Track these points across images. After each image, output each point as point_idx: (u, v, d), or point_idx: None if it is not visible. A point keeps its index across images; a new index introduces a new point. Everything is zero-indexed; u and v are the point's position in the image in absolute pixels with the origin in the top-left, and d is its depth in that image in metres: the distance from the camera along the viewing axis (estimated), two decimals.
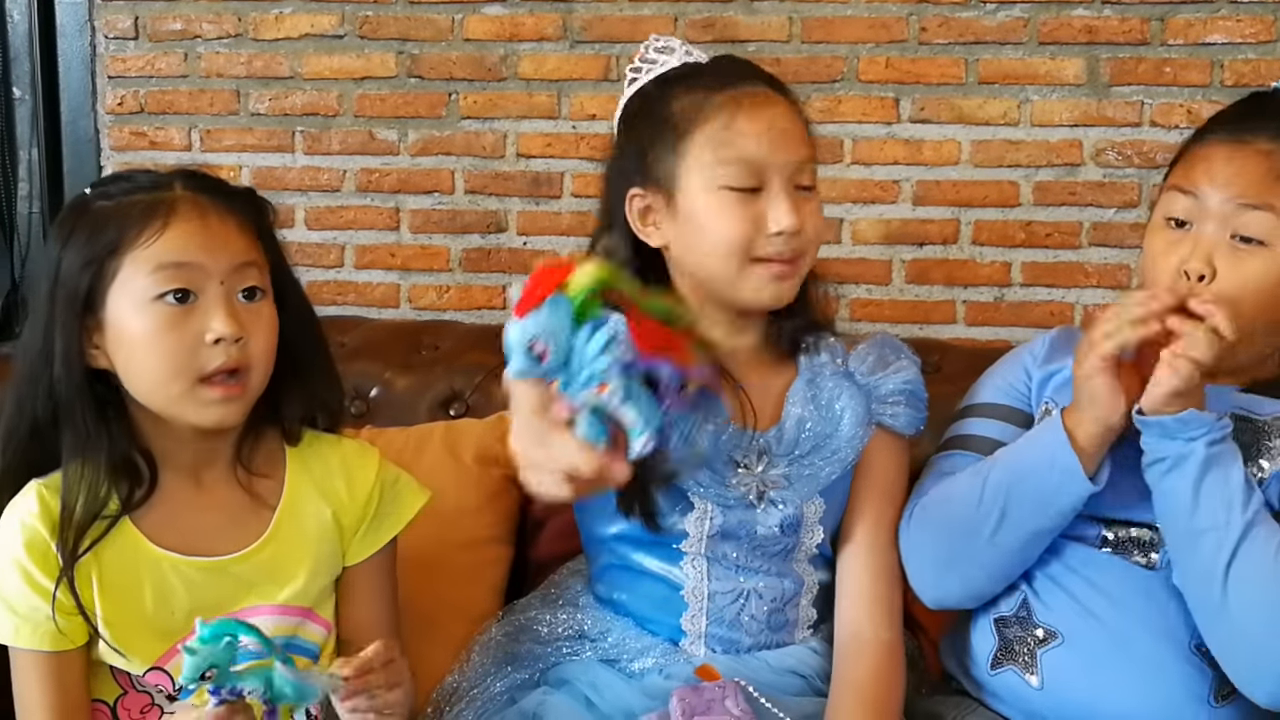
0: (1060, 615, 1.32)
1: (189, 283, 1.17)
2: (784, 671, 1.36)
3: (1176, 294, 1.21)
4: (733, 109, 1.30)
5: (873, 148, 2.21)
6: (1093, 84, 2.17)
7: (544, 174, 2.29)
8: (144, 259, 1.16)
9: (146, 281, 1.16)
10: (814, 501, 1.37)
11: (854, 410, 1.38)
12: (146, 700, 1.22)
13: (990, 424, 1.41)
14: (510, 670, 1.41)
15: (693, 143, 1.30)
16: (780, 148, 1.30)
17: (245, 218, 1.23)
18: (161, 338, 1.16)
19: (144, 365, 1.17)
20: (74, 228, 1.19)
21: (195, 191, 1.21)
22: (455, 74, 2.29)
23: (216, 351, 1.16)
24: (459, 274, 2.33)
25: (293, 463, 1.29)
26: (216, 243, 1.19)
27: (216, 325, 1.16)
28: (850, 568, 1.39)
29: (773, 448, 1.36)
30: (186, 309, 1.16)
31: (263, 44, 2.33)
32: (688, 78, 1.35)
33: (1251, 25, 2.14)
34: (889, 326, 2.20)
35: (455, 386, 1.88)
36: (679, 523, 1.34)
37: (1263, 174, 1.24)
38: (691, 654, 1.37)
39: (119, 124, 2.38)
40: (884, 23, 2.20)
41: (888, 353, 1.44)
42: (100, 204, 1.20)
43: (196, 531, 1.23)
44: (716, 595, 1.36)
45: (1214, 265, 1.25)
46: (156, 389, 1.18)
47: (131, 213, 1.17)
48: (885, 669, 1.34)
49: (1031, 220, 2.21)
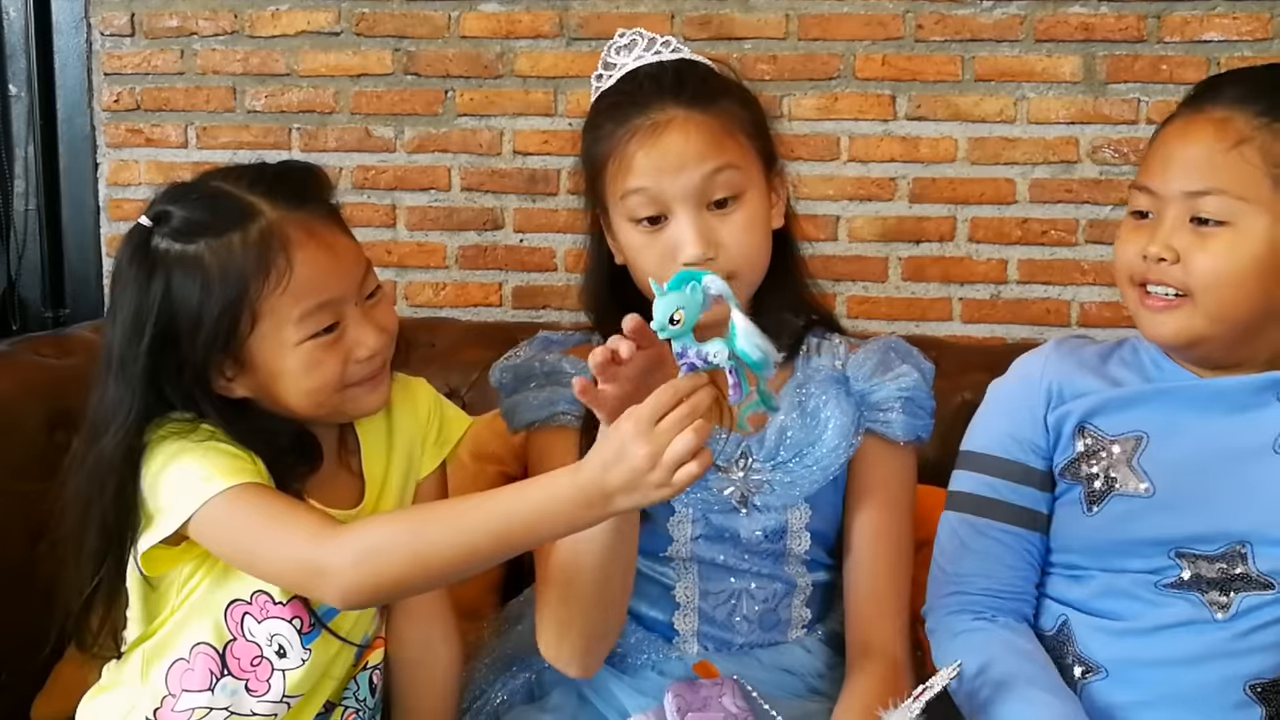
0: (1110, 650, 1.27)
1: (334, 316, 1.17)
2: (776, 669, 1.36)
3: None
4: (628, 141, 1.28)
5: (869, 145, 2.21)
6: (1089, 81, 2.17)
7: (540, 171, 2.29)
8: (284, 306, 1.14)
9: (293, 329, 1.15)
10: (798, 508, 1.36)
11: (839, 421, 1.35)
12: (256, 651, 1.22)
13: (1002, 485, 1.34)
14: (507, 676, 1.41)
15: (606, 179, 1.31)
16: (676, 172, 1.26)
17: (332, 211, 1.22)
18: (314, 372, 1.17)
19: (297, 395, 1.19)
20: (169, 277, 1.14)
21: (286, 208, 1.16)
22: (452, 71, 2.29)
23: (366, 363, 1.20)
24: (455, 271, 2.33)
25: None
26: (341, 265, 1.18)
27: (369, 342, 1.19)
28: (855, 580, 1.38)
29: (753, 451, 1.35)
30: (334, 336, 1.18)
31: (259, 41, 2.33)
32: (604, 110, 1.33)
33: (1248, 23, 2.14)
34: (885, 324, 2.20)
35: (452, 383, 1.88)
36: (664, 527, 1.33)
37: (1213, 149, 1.20)
38: (685, 652, 1.37)
39: (115, 121, 2.38)
40: (880, 20, 2.20)
41: (891, 357, 1.41)
42: (189, 250, 1.14)
43: (324, 492, 1.25)
44: (708, 595, 1.36)
45: (1174, 249, 1.22)
46: (314, 405, 1.20)
47: (247, 258, 1.13)
48: (895, 680, 1.31)
49: (1028, 217, 2.21)
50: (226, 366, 1.17)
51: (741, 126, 1.31)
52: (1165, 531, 1.26)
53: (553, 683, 1.38)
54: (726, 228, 1.28)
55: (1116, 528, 1.29)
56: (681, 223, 1.27)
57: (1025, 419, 1.35)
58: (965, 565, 1.34)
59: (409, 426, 1.33)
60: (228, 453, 1.17)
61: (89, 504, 1.19)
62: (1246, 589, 1.24)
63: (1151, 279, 1.25)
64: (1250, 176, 1.19)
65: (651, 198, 1.27)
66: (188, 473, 1.15)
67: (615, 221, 1.32)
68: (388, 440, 1.32)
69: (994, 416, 1.38)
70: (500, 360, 1.44)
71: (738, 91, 1.35)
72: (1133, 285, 1.28)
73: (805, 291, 1.42)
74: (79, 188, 2.41)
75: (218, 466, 1.15)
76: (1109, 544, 1.29)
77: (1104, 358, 1.36)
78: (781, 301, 1.39)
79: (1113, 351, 1.37)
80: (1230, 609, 1.24)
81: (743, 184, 1.29)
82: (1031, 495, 1.34)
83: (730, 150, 1.29)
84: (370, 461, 1.30)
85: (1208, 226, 1.21)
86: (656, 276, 1.25)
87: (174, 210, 1.16)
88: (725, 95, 1.32)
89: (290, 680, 1.23)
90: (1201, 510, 1.25)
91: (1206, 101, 1.24)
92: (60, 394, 1.70)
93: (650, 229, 1.29)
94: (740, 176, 1.29)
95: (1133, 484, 1.28)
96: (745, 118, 1.33)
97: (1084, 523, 1.31)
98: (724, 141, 1.29)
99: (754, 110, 1.35)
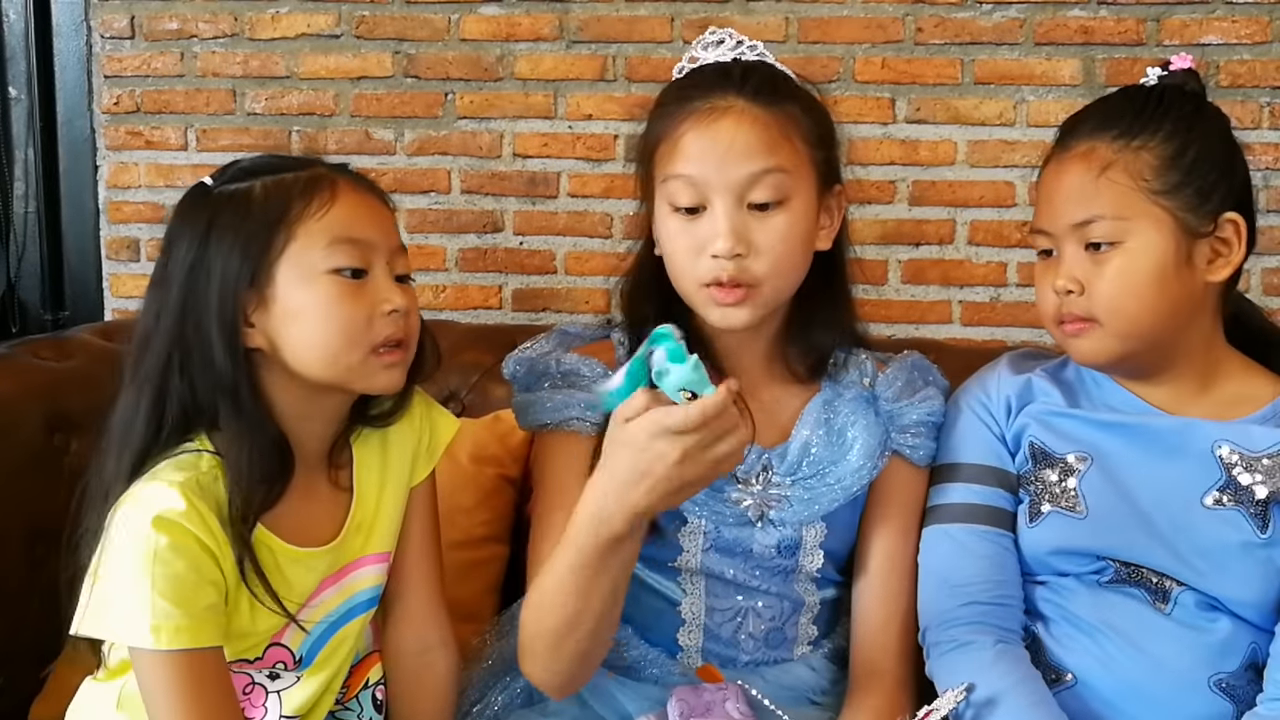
0: (1074, 655, 1.29)
1: (362, 259, 1.17)
2: (778, 687, 1.35)
3: None
4: (682, 121, 1.27)
5: (869, 148, 2.21)
6: (1088, 84, 2.17)
7: (540, 174, 2.29)
8: (318, 231, 1.15)
9: (321, 254, 1.15)
10: (814, 526, 1.34)
11: (865, 441, 1.35)
12: (247, 680, 1.21)
13: (992, 492, 1.36)
14: (507, 680, 1.40)
15: (656, 160, 1.30)
16: (721, 161, 1.24)
17: (386, 204, 1.24)
18: (338, 308, 1.15)
19: (317, 337, 1.16)
20: (215, 212, 1.16)
21: (342, 174, 1.21)
22: (452, 74, 2.29)
23: (389, 321, 1.17)
24: (455, 274, 2.33)
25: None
26: (381, 222, 1.20)
27: (394, 297, 1.17)
28: (864, 599, 1.37)
29: (774, 465, 1.34)
30: (359, 284, 1.17)
31: (259, 44, 2.33)
32: (669, 94, 1.33)
33: (1247, 26, 2.14)
34: (885, 327, 2.20)
35: (451, 386, 1.88)
36: (674, 537, 1.32)
37: (1084, 179, 1.26)
38: (688, 668, 1.35)
39: (115, 123, 2.38)
40: (880, 23, 2.20)
41: (916, 377, 1.41)
42: (241, 186, 1.17)
43: (300, 516, 1.22)
44: (714, 612, 1.35)
45: (1078, 280, 1.26)
46: (330, 360, 1.17)
47: (295, 187, 1.16)
48: (899, 701, 1.31)
49: (1027, 220, 2.19)
50: (251, 302, 1.15)
51: (801, 133, 1.28)
52: (1097, 548, 1.30)
53: None
54: (762, 230, 1.25)
55: (1052, 539, 1.32)
56: (717, 214, 1.25)
57: (994, 428, 1.38)
58: (973, 574, 1.34)
59: (405, 433, 1.31)
60: (186, 582, 1.10)
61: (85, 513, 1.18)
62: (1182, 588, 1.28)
63: (1064, 312, 1.29)
64: (1123, 196, 1.25)
65: (693, 185, 1.26)
66: (136, 599, 1.10)
67: (657, 204, 1.31)
68: (382, 450, 1.30)
69: (967, 428, 1.40)
70: (515, 352, 1.40)
71: (806, 99, 1.32)
72: (1054, 324, 1.32)
73: (846, 324, 1.41)
74: (79, 190, 2.41)
75: (166, 616, 1.09)
76: (1047, 551, 1.33)
77: (1053, 374, 1.39)
78: (816, 324, 1.37)
79: (1060, 368, 1.40)
80: (1170, 602, 1.27)
81: (789, 191, 1.26)
82: (1011, 500, 1.37)
83: (783, 154, 1.26)
84: (363, 474, 1.28)
85: (1101, 251, 1.26)
86: (687, 268, 1.26)
87: (231, 168, 1.20)
88: (791, 99, 1.29)
89: (288, 700, 1.23)
90: (1133, 543, 1.28)
91: (1070, 139, 1.30)
92: (59, 397, 1.70)
93: (687, 218, 1.27)
94: (788, 182, 1.26)
95: (1069, 504, 1.31)
96: (808, 125, 1.30)
97: (1025, 534, 1.34)
98: (779, 143, 1.26)
99: (821, 123, 1.32)
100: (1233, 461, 1.27)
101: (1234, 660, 1.26)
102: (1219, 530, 1.26)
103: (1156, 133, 1.25)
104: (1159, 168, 1.24)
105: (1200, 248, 1.25)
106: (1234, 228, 1.26)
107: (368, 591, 1.28)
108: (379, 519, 1.28)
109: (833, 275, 1.38)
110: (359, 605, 1.27)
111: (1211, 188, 1.25)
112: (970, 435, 1.39)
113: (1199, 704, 1.25)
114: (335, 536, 1.24)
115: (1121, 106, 1.30)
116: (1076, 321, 1.28)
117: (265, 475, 1.17)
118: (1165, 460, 1.29)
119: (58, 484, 1.65)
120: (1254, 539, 1.25)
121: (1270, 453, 1.27)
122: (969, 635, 1.30)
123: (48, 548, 1.63)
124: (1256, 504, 1.26)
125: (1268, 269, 2.17)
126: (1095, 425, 1.33)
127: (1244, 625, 1.27)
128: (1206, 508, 1.27)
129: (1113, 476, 1.30)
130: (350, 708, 1.31)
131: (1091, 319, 1.27)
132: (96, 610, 1.12)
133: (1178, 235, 1.24)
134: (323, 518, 1.25)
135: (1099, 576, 1.30)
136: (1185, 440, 1.29)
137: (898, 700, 1.31)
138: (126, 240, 2.39)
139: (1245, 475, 1.26)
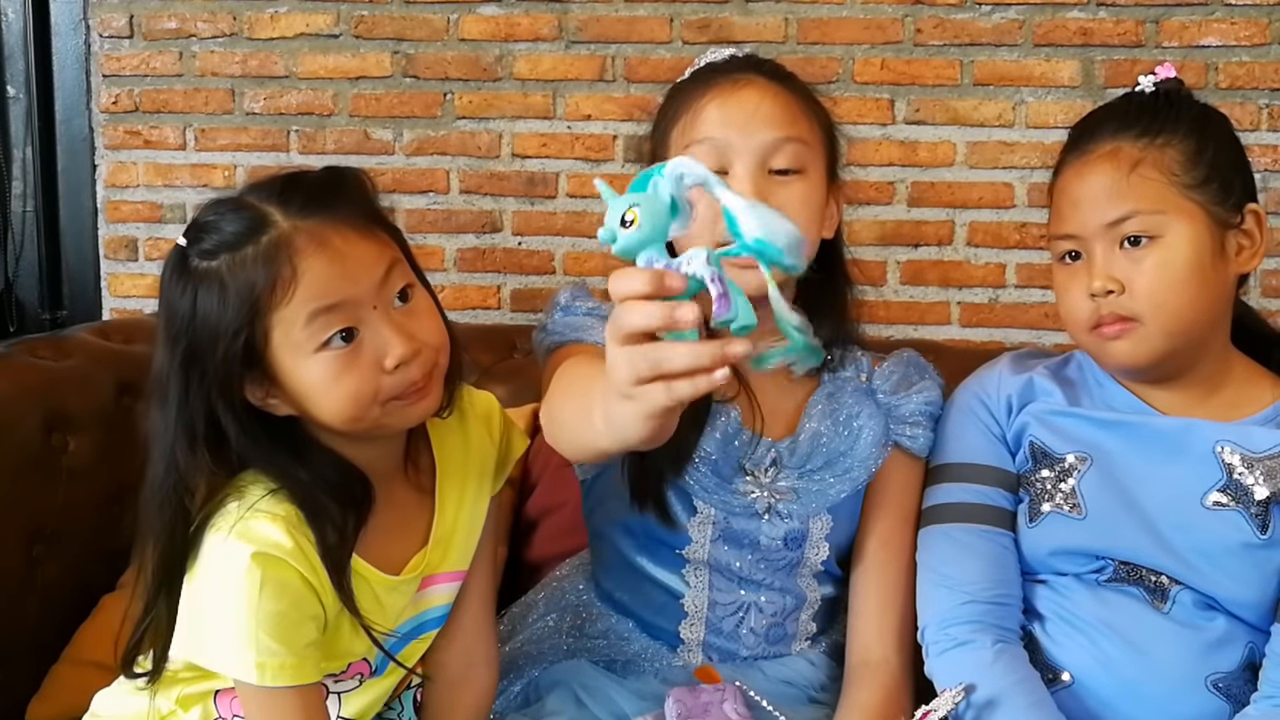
0: (1071, 654, 1.29)
1: (347, 318, 1.09)
2: (778, 681, 1.36)
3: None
4: (703, 94, 1.29)
5: (868, 149, 2.22)
6: (1087, 86, 2.17)
7: (539, 174, 2.29)
8: (291, 315, 1.08)
9: (303, 335, 1.09)
10: (821, 518, 1.35)
11: (872, 429, 1.36)
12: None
13: (992, 491, 1.37)
14: (503, 685, 1.40)
15: (673, 137, 1.31)
16: (744, 127, 1.26)
17: (356, 217, 1.13)
18: (340, 382, 1.10)
19: (333, 408, 1.12)
20: (195, 296, 1.11)
21: (297, 215, 1.10)
22: (450, 74, 2.29)
23: (397, 377, 1.11)
24: (454, 274, 2.33)
25: (433, 434, 1.27)
26: (351, 267, 1.10)
27: (394, 350, 1.10)
28: (862, 589, 1.37)
29: (784, 458, 1.34)
30: (354, 345, 1.10)
31: (258, 43, 2.33)
32: (690, 77, 1.34)
33: (1246, 28, 2.14)
34: (884, 328, 2.20)
35: None
36: (685, 525, 1.33)
37: (1115, 178, 1.25)
38: (689, 661, 1.36)
39: (113, 123, 2.37)
40: (879, 24, 2.20)
41: (912, 371, 1.42)
42: (207, 264, 1.10)
43: (386, 532, 1.20)
44: (717, 606, 1.35)
45: (1117, 279, 1.25)
46: (354, 420, 1.13)
47: (255, 269, 1.08)
48: (894, 692, 1.32)
49: (1026, 221, 2.21)
50: (260, 383, 1.13)
51: (814, 117, 1.32)
52: (1097, 548, 1.30)
53: (548, 686, 1.37)
54: (784, 193, 1.26)
55: (1052, 540, 1.32)
56: (739, 177, 1.25)
57: (994, 427, 1.38)
58: (973, 573, 1.33)
59: (484, 442, 1.28)
60: (289, 619, 1.11)
61: (146, 531, 1.16)
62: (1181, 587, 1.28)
63: (1103, 314, 1.27)
64: (1156, 191, 1.24)
65: (716, 149, 1.26)
66: (240, 634, 1.10)
67: None
68: (463, 458, 1.27)
69: (966, 427, 1.40)
70: (542, 318, 1.37)
71: (814, 96, 1.36)
72: (1087, 330, 1.29)
73: (843, 300, 1.41)
74: (77, 189, 2.41)
75: (271, 654, 1.10)
76: (1047, 551, 1.33)
77: (1054, 373, 1.39)
78: (817, 316, 1.35)
79: (1061, 367, 1.40)
80: (1168, 601, 1.27)
81: (807, 162, 1.29)
82: (1011, 499, 1.37)
83: (802, 126, 1.29)
84: (445, 480, 1.25)
85: (1140, 246, 1.25)
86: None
87: (203, 226, 1.14)
88: (804, 90, 1.34)
89: (348, 704, 1.23)
90: (1132, 543, 1.28)
91: (1088, 142, 1.30)
92: (57, 396, 1.70)
93: None
94: (807, 154, 1.29)
95: (1068, 504, 1.31)
96: (819, 115, 1.34)
97: (1025, 534, 1.34)
98: (798, 116, 1.29)
99: (826, 120, 1.36)
100: (1234, 462, 1.27)
101: (1231, 660, 1.26)
102: (1219, 530, 1.26)
103: (1176, 130, 1.26)
104: (1185, 163, 1.25)
105: (1230, 239, 1.26)
106: (1255, 218, 1.28)
107: (438, 609, 1.27)
108: (457, 530, 1.26)
109: (834, 269, 1.39)
110: (429, 622, 1.27)
111: (1232, 181, 1.26)
112: (970, 435, 1.39)
113: (1195, 703, 1.25)
114: (421, 548, 1.23)
115: (1134, 108, 1.30)
116: (1117, 323, 1.26)
117: (347, 505, 1.15)
118: (1166, 460, 1.29)
119: (55, 483, 1.66)
120: (1254, 540, 1.25)
121: (1271, 454, 1.27)
122: (968, 634, 1.30)
123: (45, 547, 1.63)
124: (1257, 505, 1.26)
125: (1267, 270, 2.18)
126: (1096, 424, 1.33)
127: (1241, 625, 1.27)
128: (1207, 508, 1.27)
129: (1112, 476, 1.30)
130: (392, 706, 1.31)
131: (1133, 318, 1.26)
132: (197, 638, 1.13)
133: (1210, 227, 1.25)
134: (408, 525, 1.23)
135: (1098, 575, 1.30)
136: (1186, 440, 1.29)
137: (893, 692, 1.31)
138: (125, 239, 2.39)
139: (1246, 476, 1.27)
